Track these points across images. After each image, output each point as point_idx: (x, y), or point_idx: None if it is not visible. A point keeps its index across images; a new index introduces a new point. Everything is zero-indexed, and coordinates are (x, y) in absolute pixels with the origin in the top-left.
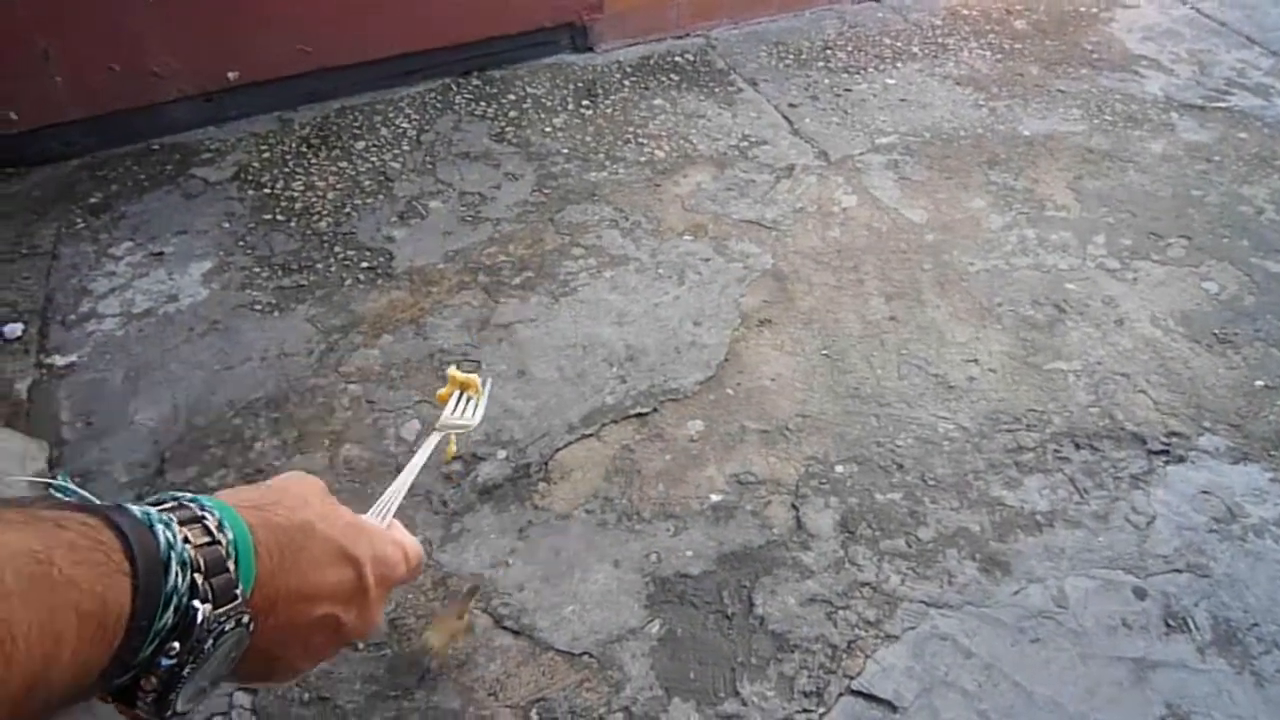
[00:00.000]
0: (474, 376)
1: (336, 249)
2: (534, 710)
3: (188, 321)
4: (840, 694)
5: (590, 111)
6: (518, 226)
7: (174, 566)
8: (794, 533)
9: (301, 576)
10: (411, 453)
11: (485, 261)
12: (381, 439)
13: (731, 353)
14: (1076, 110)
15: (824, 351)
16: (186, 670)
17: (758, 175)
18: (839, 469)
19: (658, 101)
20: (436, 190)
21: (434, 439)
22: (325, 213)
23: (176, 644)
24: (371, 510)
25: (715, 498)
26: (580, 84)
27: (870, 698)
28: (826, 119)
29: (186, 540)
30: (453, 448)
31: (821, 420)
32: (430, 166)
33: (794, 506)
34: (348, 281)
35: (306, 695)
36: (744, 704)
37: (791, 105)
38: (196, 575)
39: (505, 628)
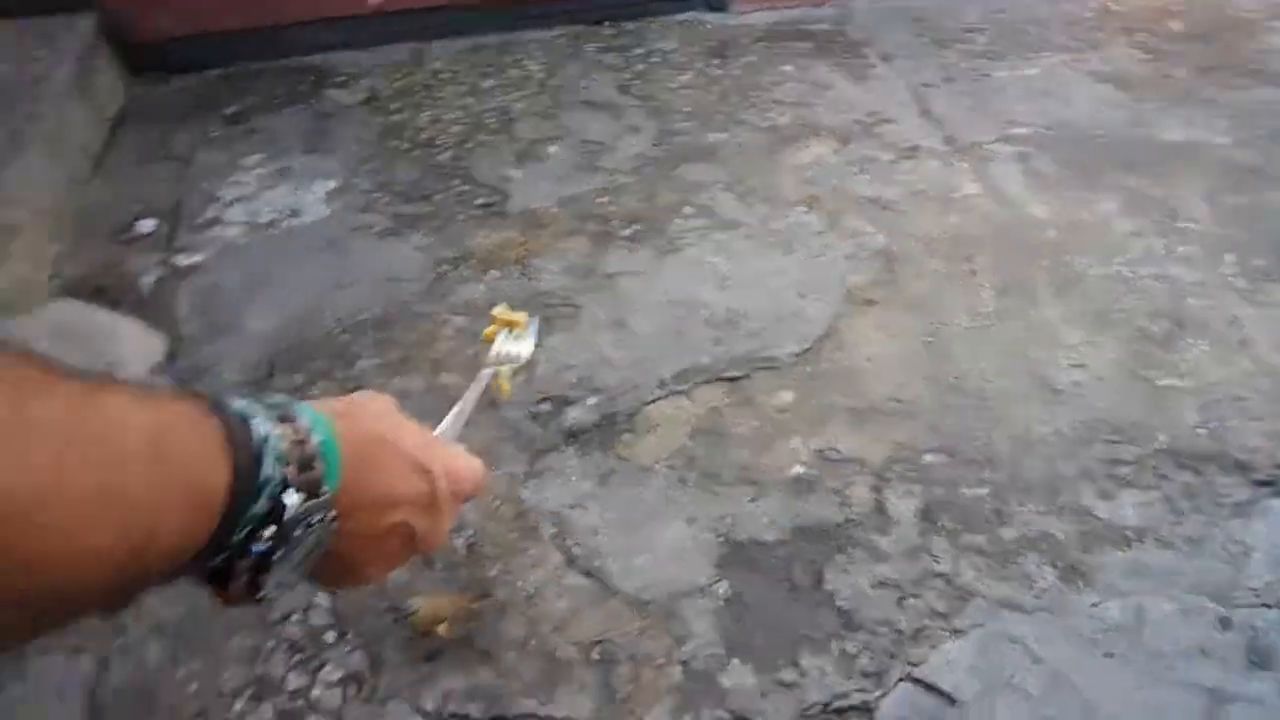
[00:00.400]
0: (520, 314)
1: (454, 182)
2: (595, 650)
3: (307, 237)
4: (900, 679)
5: (718, 72)
6: (632, 179)
7: (268, 458)
8: (873, 515)
9: (379, 484)
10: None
11: (596, 210)
12: (477, 372)
13: (832, 329)
14: (1224, 121)
15: (926, 338)
16: (275, 556)
17: (880, 153)
18: (927, 458)
19: (787, 68)
20: (557, 135)
21: (484, 374)
22: (447, 146)
23: (267, 531)
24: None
25: (798, 470)
26: (711, 43)
27: (930, 687)
28: (959, 103)
29: (281, 437)
30: (505, 385)
31: (915, 407)
32: (554, 111)
33: (876, 489)
34: (461, 216)
35: (382, 605)
36: (802, 674)
37: (924, 85)
38: (288, 469)
39: (576, 568)
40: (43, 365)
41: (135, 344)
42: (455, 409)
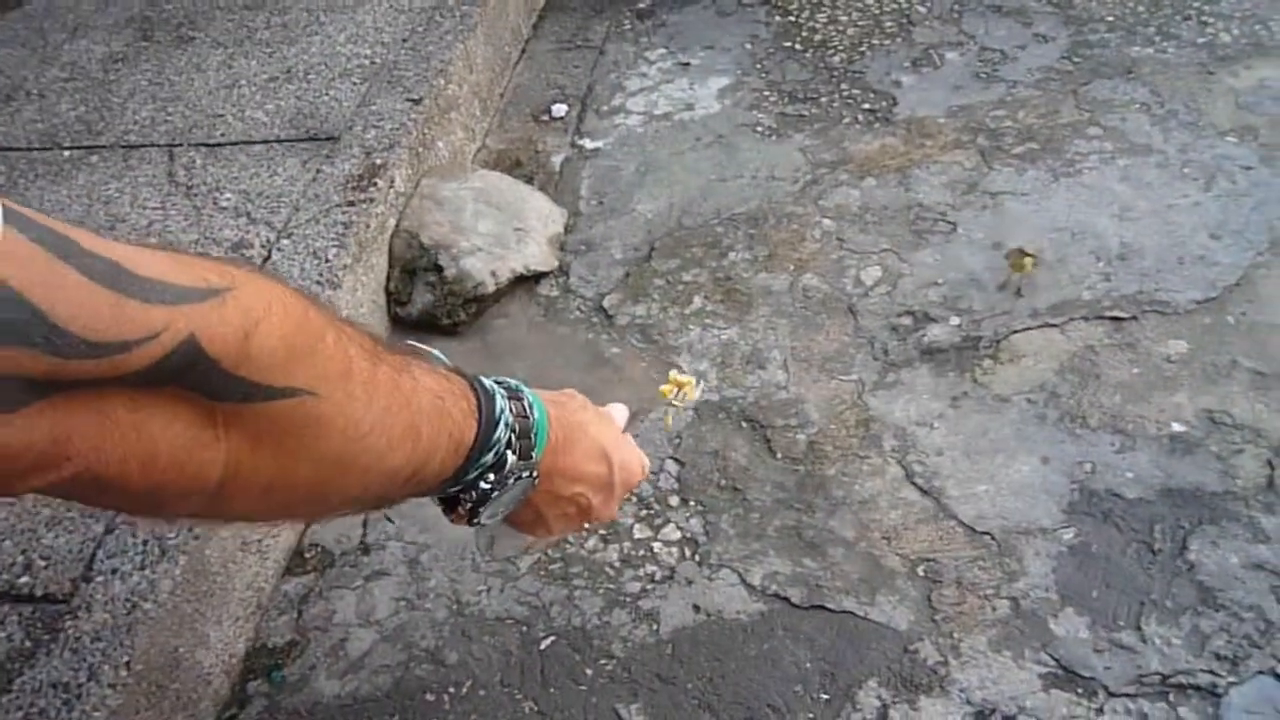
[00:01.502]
0: (689, 378)
1: (843, 86)
2: (921, 567)
3: (697, 131)
4: (1260, 671)
5: None
6: (1034, 93)
7: (501, 425)
8: (1261, 491)
9: (572, 460)
10: (866, 294)
11: (989, 124)
12: (841, 276)
13: (1246, 278)
14: None
15: None
16: (493, 494)
17: None
18: None
19: None
20: (957, 41)
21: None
22: (841, 48)
23: (491, 475)
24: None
25: (1177, 427)
26: None
27: None
28: None
29: (511, 411)
30: (669, 421)
31: None
32: (957, 15)
33: (1270, 464)
34: (845, 119)
35: (723, 481)
36: (1143, 640)
37: None
38: (512, 436)
39: (915, 484)
40: (377, 340)
41: (540, 216)
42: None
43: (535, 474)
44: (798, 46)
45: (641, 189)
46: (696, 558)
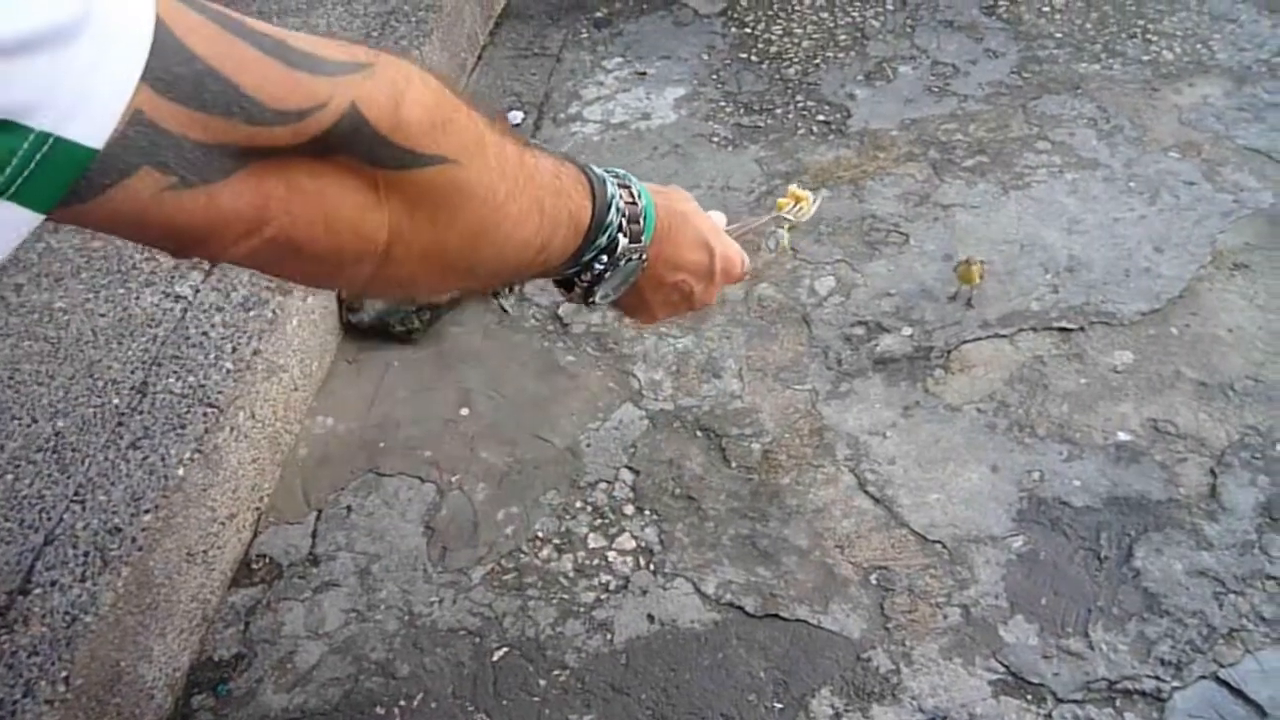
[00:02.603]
0: (808, 192)
1: (798, 98)
2: (874, 575)
3: (654, 140)
4: (1202, 676)
5: None
6: (984, 107)
7: (613, 209)
8: (1203, 499)
9: (675, 247)
10: (820, 304)
11: (940, 137)
12: (796, 286)
13: (1189, 290)
14: None
15: None
16: (607, 274)
17: None
18: None
19: None
20: (910, 56)
21: (768, 218)
22: (796, 60)
23: (605, 257)
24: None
25: (1123, 436)
26: None
27: (1237, 692)
28: None
29: (621, 197)
30: (786, 242)
31: (1277, 391)
32: (910, 30)
33: (1213, 472)
34: (800, 131)
35: (678, 490)
36: (1091, 647)
37: None
38: (623, 219)
39: (868, 493)
40: (500, 120)
41: None
42: (738, 223)
43: (645, 257)
44: (754, 58)
45: None
46: (651, 567)
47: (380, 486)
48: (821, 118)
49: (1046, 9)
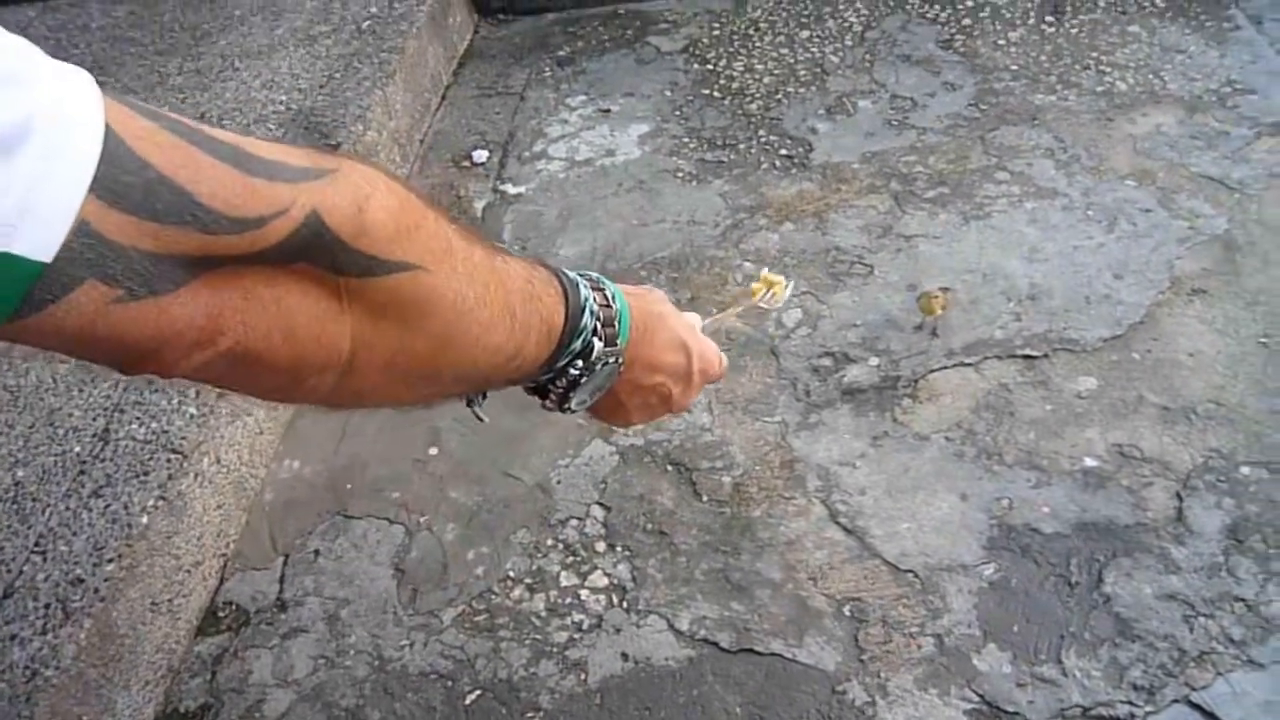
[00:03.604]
0: (781, 278)
1: (760, 132)
2: (847, 607)
3: (619, 176)
4: (1175, 700)
5: (1052, 29)
6: (944, 139)
7: (587, 313)
8: (1170, 523)
9: (652, 349)
10: (788, 336)
11: (901, 169)
12: (763, 318)
13: (1150, 316)
14: None
15: (1262, 339)
16: (582, 380)
17: (1234, 128)
18: (1244, 470)
19: (1133, 28)
20: (869, 90)
21: (738, 310)
22: (758, 96)
23: (580, 361)
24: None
25: (1090, 462)
26: None
27: (1209, 716)
28: None
29: (594, 300)
30: (779, 295)
31: (1238, 413)
32: (868, 64)
33: (1179, 496)
34: (764, 165)
35: (650, 526)
36: (1064, 673)
37: None
38: (598, 323)
39: (839, 524)
40: (468, 225)
41: None
42: (710, 319)
43: (621, 360)
44: (716, 94)
45: (564, 234)
46: (624, 604)
47: (348, 529)
48: (784, 152)
49: (1002, 42)
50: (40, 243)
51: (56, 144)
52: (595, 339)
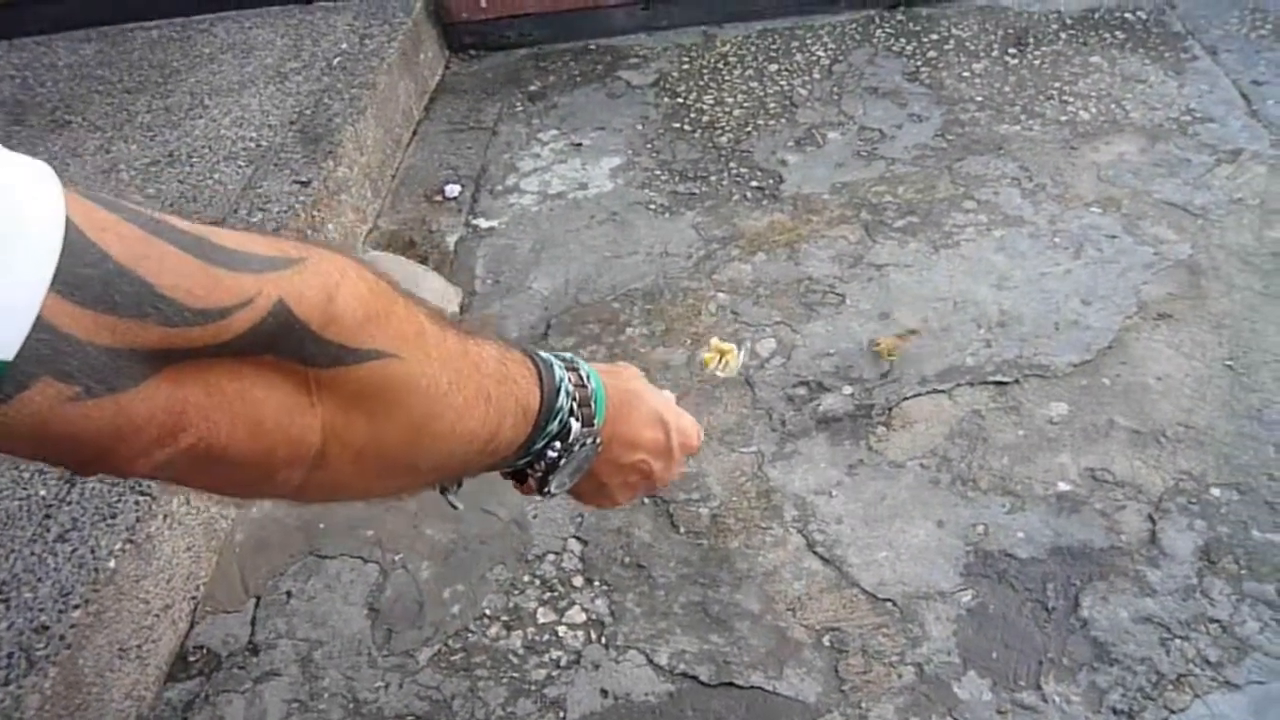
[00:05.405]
0: (731, 345)
1: (731, 164)
2: (827, 637)
3: (591, 209)
4: None
5: (1015, 61)
6: (912, 169)
7: (562, 394)
8: (1144, 546)
9: (630, 426)
10: (762, 366)
11: (871, 199)
12: (738, 349)
13: (1118, 341)
14: None
15: (1228, 361)
16: (561, 462)
17: (1195, 155)
18: (1215, 492)
19: (1094, 59)
20: (838, 121)
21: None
22: (728, 128)
23: (558, 443)
24: None
25: (1063, 487)
26: (1011, 30)
27: None
28: None
29: (569, 381)
30: (735, 368)
31: (1207, 436)
32: (836, 97)
33: (1151, 519)
34: (735, 197)
35: (627, 559)
36: (1044, 699)
37: (1255, 83)
38: (574, 403)
39: (817, 554)
40: (439, 310)
41: (435, 296)
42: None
43: (599, 440)
44: (687, 127)
45: (537, 267)
46: (603, 640)
47: (321, 569)
48: (755, 183)
49: (966, 74)
50: (2, 341)
51: (14, 240)
52: (572, 419)
